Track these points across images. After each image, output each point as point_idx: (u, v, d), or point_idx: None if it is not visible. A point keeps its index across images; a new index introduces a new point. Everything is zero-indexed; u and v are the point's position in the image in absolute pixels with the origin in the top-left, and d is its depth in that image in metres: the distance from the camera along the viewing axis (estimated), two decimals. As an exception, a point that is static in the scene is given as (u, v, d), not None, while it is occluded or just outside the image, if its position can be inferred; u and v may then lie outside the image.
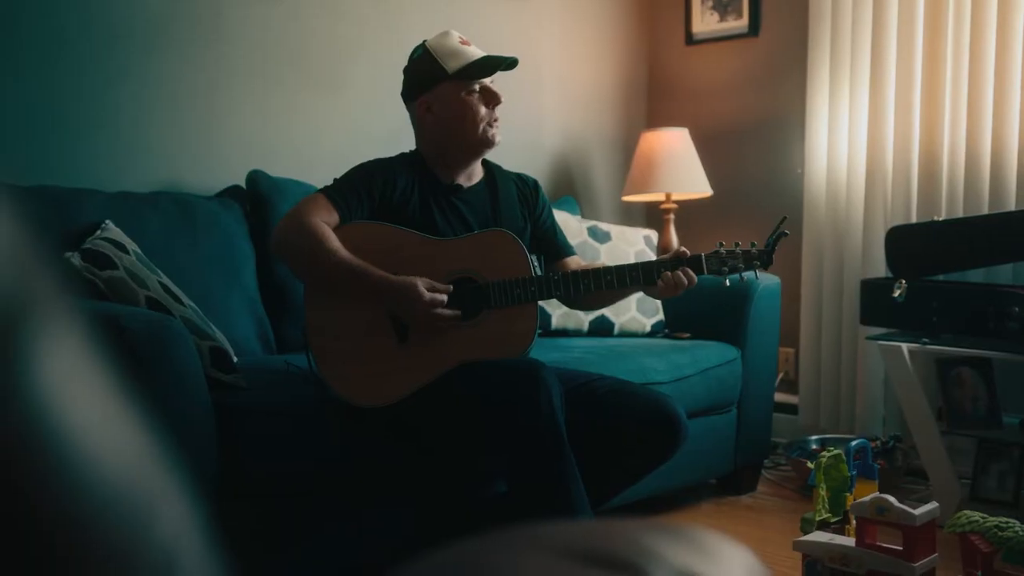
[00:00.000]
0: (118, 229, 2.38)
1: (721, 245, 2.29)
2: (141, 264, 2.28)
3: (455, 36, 2.34)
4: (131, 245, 2.33)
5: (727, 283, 2.30)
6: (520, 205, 2.43)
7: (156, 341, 1.89)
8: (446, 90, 2.30)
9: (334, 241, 2.17)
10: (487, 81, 2.33)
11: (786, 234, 2.26)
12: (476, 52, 2.32)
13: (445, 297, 2.17)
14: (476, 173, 2.42)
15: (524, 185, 2.48)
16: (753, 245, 2.29)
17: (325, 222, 2.18)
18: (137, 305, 2.15)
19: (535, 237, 2.43)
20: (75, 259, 2.17)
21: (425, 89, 2.32)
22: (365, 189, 2.26)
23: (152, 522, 0.31)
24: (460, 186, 2.37)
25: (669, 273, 2.22)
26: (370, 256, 2.18)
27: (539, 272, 2.33)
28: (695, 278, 2.24)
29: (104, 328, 1.84)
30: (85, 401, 0.30)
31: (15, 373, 0.28)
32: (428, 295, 2.15)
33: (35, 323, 0.29)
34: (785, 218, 2.30)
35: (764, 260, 2.28)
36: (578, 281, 2.24)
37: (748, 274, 2.28)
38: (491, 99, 2.33)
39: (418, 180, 2.33)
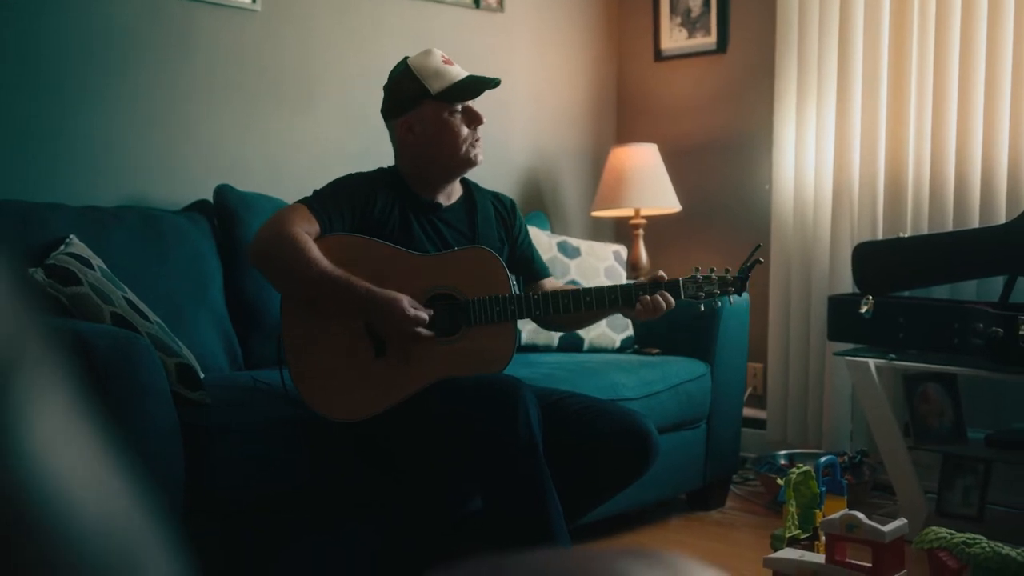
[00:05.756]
0: (83, 244, 2.35)
1: (697, 270, 2.30)
2: (106, 280, 2.25)
3: (438, 55, 2.32)
4: (96, 260, 2.30)
5: (702, 308, 2.32)
6: (498, 226, 2.42)
7: (122, 358, 1.86)
8: (428, 110, 2.29)
9: (315, 251, 2.14)
10: (469, 102, 2.32)
11: (760, 262, 2.30)
12: (459, 72, 2.31)
13: (427, 317, 2.15)
14: (455, 192, 2.41)
15: (502, 206, 2.47)
16: (727, 271, 2.31)
17: (306, 232, 2.16)
18: (102, 321, 2.12)
19: (512, 259, 2.42)
20: (39, 275, 2.14)
21: (407, 109, 2.31)
22: (347, 202, 2.24)
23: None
24: (439, 205, 2.36)
25: (648, 296, 2.22)
26: (349, 268, 2.15)
27: (518, 291, 2.33)
28: (673, 302, 2.25)
29: (69, 345, 1.81)
30: (71, 458, 0.30)
31: (4, 429, 0.28)
32: (412, 312, 2.13)
33: (24, 381, 0.29)
34: (759, 246, 2.34)
35: (738, 287, 2.31)
36: (557, 301, 2.24)
37: (722, 299, 2.30)
38: (473, 119, 2.32)
39: (398, 197, 2.31)
